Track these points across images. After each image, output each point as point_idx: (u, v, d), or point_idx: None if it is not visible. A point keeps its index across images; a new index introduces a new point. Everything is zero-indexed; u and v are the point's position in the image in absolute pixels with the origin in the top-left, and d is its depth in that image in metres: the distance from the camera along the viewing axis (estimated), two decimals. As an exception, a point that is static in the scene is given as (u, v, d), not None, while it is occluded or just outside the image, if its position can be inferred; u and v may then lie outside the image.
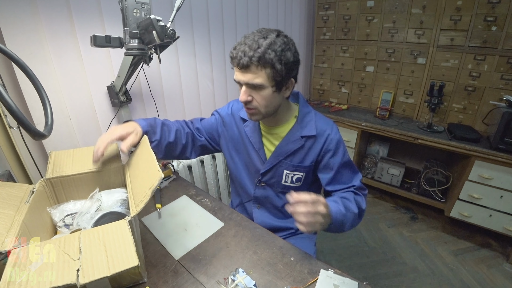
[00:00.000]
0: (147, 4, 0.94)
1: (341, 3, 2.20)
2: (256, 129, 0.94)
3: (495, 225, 1.71)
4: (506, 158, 1.55)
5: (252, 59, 0.70)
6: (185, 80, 1.50)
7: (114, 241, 0.55)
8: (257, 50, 0.70)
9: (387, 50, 2.10)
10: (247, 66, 0.72)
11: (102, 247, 0.53)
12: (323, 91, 2.58)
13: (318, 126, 0.88)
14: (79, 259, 0.50)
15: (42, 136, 0.63)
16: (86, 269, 0.49)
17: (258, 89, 0.76)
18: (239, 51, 0.72)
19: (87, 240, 0.54)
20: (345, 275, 0.67)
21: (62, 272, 0.48)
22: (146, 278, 0.67)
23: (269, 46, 0.71)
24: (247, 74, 0.74)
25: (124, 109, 1.17)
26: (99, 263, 0.50)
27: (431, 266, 1.68)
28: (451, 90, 1.90)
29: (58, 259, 0.50)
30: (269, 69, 0.72)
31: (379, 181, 2.28)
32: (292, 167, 0.91)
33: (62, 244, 0.53)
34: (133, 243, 0.55)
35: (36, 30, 0.94)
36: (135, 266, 0.51)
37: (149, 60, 1.06)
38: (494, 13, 1.63)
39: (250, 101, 0.78)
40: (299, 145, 0.88)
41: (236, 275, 0.66)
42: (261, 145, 0.93)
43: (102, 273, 0.49)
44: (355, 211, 0.80)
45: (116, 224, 0.59)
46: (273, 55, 0.71)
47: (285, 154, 0.90)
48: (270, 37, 0.72)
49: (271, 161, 0.92)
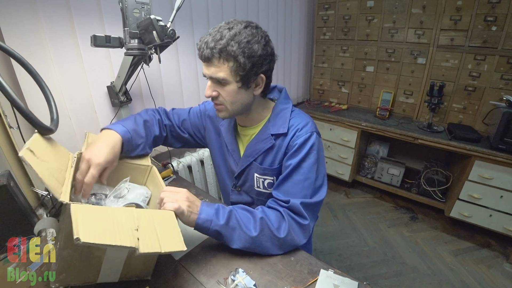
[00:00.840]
0: (147, 4, 0.94)
1: (341, 3, 2.20)
2: (231, 129, 0.88)
3: (495, 225, 1.72)
4: (506, 158, 1.55)
5: (213, 51, 0.65)
6: (185, 80, 1.50)
7: (163, 226, 0.57)
8: (218, 41, 0.65)
9: (387, 50, 2.10)
10: (209, 58, 0.67)
11: (153, 227, 0.55)
12: (323, 91, 2.58)
13: (291, 122, 0.78)
14: (137, 230, 0.52)
15: (49, 130, 0.63)
16: (143, 241, 0.50)
17: (223, 84, 0.71)
18: (202, 43, 0.67)
19: (142, 217, 0.56)
20: (345, 275, 0.67)
21: (126, 236, 0.49)
22: (150, 276, 0.67)
23: (233, 38, 0.65)
24: (211, 68, 0.69)
25: (124, 109, 1.17)
26: (153, 241, 0.52)
27: (431, 266, 1.68)
28: (451, 90, 1.90)
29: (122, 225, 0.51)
30: (232, 62, 0.67)
31: (379, 181, 2.28)
32: (261, 170, 0.82)
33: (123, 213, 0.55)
34: (179, 231, 0.58)
35: (36, 30, 0.94)
36: (184, 250, 0.54)
37: (149, 60, 1.06)
38: (494, 13, 1.63)
39: (215, 96, 0.73)
40: (270, 145, 0.79)
41: (236, 275, 0.66)
42: (234, 146, 0.87)
43: (156, 249, 0.51)
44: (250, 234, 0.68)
45: (164, 212, 0.62)
46: (236, 47, 0.65)
47: (255, 154, 0.82)
48: (235, 28, 0.66)
49: (242, 163, 0.85)
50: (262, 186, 0.85)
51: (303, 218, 0.72)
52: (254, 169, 0.84)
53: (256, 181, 0.85)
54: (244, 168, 0.85)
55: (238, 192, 0.92)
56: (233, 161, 0.89)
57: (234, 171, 0.89)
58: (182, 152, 1.66)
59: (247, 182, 0.88)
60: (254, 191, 0.88)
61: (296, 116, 0.80)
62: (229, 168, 0.92)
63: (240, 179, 0.89)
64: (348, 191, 2.47)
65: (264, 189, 0.86)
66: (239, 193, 0.92)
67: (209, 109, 0.95)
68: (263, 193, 0.87)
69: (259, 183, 0.85)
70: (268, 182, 0.84)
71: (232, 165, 0.89)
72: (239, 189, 0.91)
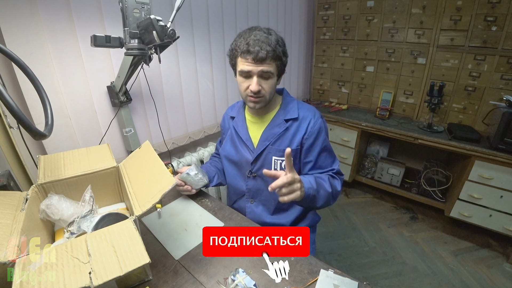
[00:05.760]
0: (147, 4, 0.94)
1: (341, 3, 2.20)
2: (243, 122, 1.01)
3: (495, 225, 1.71)
4: (506, 158, 1.55)
5: (268, 54, 0.81)
6: (185, 80, 1.50)
7: (122, 241, 0.55)
8: (270, 45, 0.82)
9: (387, 50, 2.10)
10: (263, 59, 0.82)
11: (111, 248, 0.53)
12: (323, 91, 2.58)
13: (301, 111, 0.96)
14: (89, 262, 0.50)
15: (42, 136, 0.63)
16: (98, 271, 0.49)
17: (267, 78, 0.86)
18: (255, 46, 0.81)
19: (94, 242, 0.54)
20: (345, 275, 0.67)
21: (75, 276, 0.48)
22: (151, 275, 0.67)
23: (277, 42, 0.84)
24: (262, 66, 0.83)
25: (124, 109, 1.17)
26: (111, 264, 0.51)
27: (431, 266, 1.68)
28: (451, 90, 1.90)
29: (68, 264, 0.50)
30: (278, 61, 0.86)
31: (379, 181, 2.28)
32: (279, 153, 0.94)
33: (69, 248, 0.53)
34: (141, 241, 0.55)
35: (36, 30, 0.94)
36: (147, 263, 0.52)
37: (149, 60, 1.06)
38: (494, 13, 1.63)
39: (260, 90, 0.86)
40: (284, 128, 0.94)
41: (236, 275, 0.66)
42: (248, 136, 1.00)
43: (115, 273, 0.49)
44: (328, 190, 0.88)
45: (122, 224, 0.59)
46: (280, 50, 0.85)
47: (271, 138, 0.95)
48: (273, 34, 0.85)
49: (259, 147, 0.96)
50: (279, 168, 0.95)
51: (342, 175, 0.99)
52: (272, 153, 0.95)
53: (274, 163, 0.96)
54: (261, 153, 0.96)
55: (253, 178, 1.01)
56: (248, 150, 0.99)
57: (249, 159, 0.99)
58: (182, 152, 1.66)
59: (263, 166, 0.97)
60: None
61: (303, 107, 0.98)
62: (243, 159, 1.01)
63: (257, 164, 0.98)
64: (348, 191, 2.47)
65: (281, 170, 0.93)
66: (255, 178, 1.01)
67: (229, 112, 1.12)
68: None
69: (276, 165, 0.96)
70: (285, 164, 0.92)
71: (246, 154, 0.99)
72: (255, 175, 1.00)
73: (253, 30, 0.85)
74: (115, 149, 1.22)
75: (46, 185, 0.74)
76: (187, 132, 1.61)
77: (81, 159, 0.83)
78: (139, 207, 0.62)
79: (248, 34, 0.84)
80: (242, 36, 0.85)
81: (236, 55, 0.87)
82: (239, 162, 1.03)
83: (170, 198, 1.03)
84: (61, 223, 0.72)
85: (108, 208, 0.86)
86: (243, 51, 0.83)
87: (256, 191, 1.02)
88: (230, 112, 1.10)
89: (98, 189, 0.82)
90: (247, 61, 0.83)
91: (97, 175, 0.82)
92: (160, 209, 0.95)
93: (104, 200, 0.87)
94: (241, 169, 1.03)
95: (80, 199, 0.74)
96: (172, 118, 1.49)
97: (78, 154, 0.85)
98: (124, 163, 0.85)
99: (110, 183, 0.86)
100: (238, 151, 1.02)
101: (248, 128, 1.01)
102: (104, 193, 0.86)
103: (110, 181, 0.85)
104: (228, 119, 1.10)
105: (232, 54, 0.89)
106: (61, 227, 0.74)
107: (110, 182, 0.85)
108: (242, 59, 0.85)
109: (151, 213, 0.94)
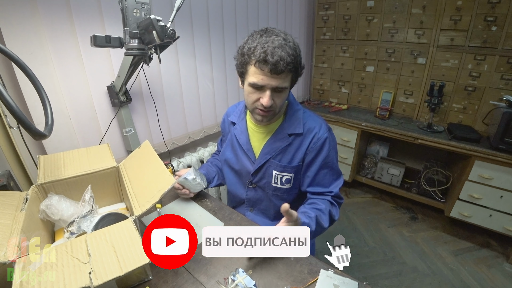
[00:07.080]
0: (147, 4, 0.94)
1: (341, 3, 2.20)
2: (244, 131, 0.95)
3: (495, 225, 1.71)
4: (506, 158, 1.55)
5: (288, 66, 0.72)
6: (185, 80, 1.50)
7: (122, 241, 0.55)
8: (290, 55, 0.71)
9: (387, 50, 2.10)
10: (281, 72, 0.72)
11: (110, 248, 0.54)
12: (323, 91, 2.58)
13: (307, 124, 0.88)
14: (89, 262, 0.51)
15: (42, 136, 0.63)
16: (98, 271, 0.49)
17: (280, 92, 0.77)
18: (274, 55, 0.69)
19: (94, 242, 0.55)
20: (345, 275, 0.67)
21: (75, 276, 0.48)
22: (151, 275, 0.67)
23: (295, 51, 0.74)
24: (277, 79, 0.73)
25: (124, 109, 1.17)
26: (110, 264, 0.51)
27: (431, 266, 1.68)
28: (451, 90, 1.90)
29: (68, 264, 0.50)
30: (294, 73, 0.77)
31: (379, 181, 2.28)
32: (280, 168, 0.89)
33: (69, 248, 0.53)
34: (141, 241, 0.55)
35: (36, 30, 0.94)
36: (147, 263, 0.52)
37: (149, 60, 1.06)
38: (494, 13, 1.63)
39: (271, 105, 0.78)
40: (286, 143, 0.88)
41: (236, 275, 0.66)
42: (249, 146, 0.94)
43: (115, 273, 0.49)
44: (325, 226, 0.82)
45: (122, 224, 0.59)
46: (299, 61, 0.76)
47: (273, 152, 0.89)
48: (291, 41, 0.74)
49: (260, 160, 0.91)
50: (279, 182, 0.91)
51: (341, 199, 0.91)
52: (272, 166, 0.90)
53: (275, 177, 0.91)
54: (261, 166, 0.91)
55: (253, 188, 0.98)
56: (248, 160, 0.94)
57: (249, 170, 0.94)
58: (182, 152, 1.66)
59: (263, 179, 0.93)
60: (271, 187, 0.93)
61: (309, 119, 0.90)
62: (243, 168, 0.97)
63: (257, 176, 0.94)
64: (348, 191, 2.47)
65: (281, 184, 0.92)
66: (255, 189, 0.98)
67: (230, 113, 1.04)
68: (279, 189, 0.93)
69: (277, 180, 0.91)
70: (286, 178, 0.90)
71: (247, 164, 0.95)
72: (254, 186, 0.97)
73: (270, 35, 0.72)
74: (115, 149, 1.22)
75: (46, 185, 0.74)
76: (187, 132, 1.61)
77: (81, 159, 0.83)
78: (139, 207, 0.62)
79: (264, 39, 0.72)
80: (257, 40, 0.72)
81: (248, 61, 0.74)
82: (240, 171, 0.99)
83: (170, 198, 1.02)
84: (61, 223, 0.72)
85: (108, 208, 0.86)
86: (259, 60, 0.71)
87: (256, 200, 1.00)
88: (231, 115, 1.03)
89: (98, 189, 0.82)
90: (263, 73, 0.72)
91: (97, 175, 0.82)
92: (160, 209, 0.95)
93: (104, 200, 0.87)
94: (241, 178, 1.00)
95: (80, 199, 0.75)
96: (172, 118, 1.49)
97: (78, 154, 0.85)
98: (124, 163, 0.85)
99: (110, 183, 0.86)
100: (238, 159, 0.98)
101: (249, 137, 0.94)
102: (104, 193, 0.86)
103: (110, 181, 0.85)
104: (229, 123, 1.03)
105: (243, 60, 0.76)
106: (61, 227, 0.74)
107: (110, 182, 0.85)
108: (256, 69, 0.73)
109: (151, 213, 0.94)
